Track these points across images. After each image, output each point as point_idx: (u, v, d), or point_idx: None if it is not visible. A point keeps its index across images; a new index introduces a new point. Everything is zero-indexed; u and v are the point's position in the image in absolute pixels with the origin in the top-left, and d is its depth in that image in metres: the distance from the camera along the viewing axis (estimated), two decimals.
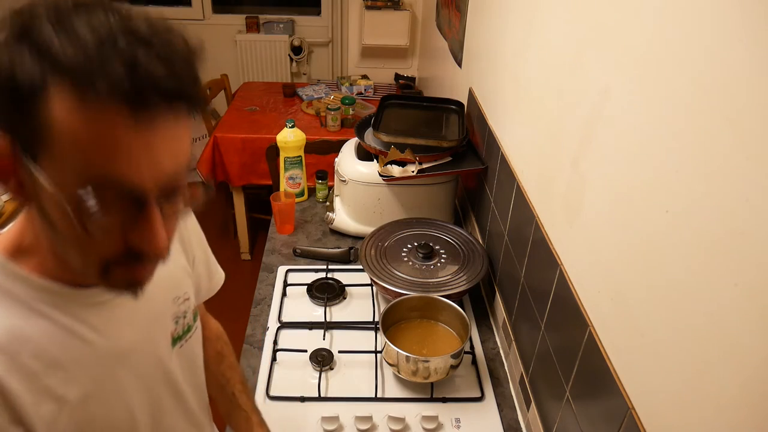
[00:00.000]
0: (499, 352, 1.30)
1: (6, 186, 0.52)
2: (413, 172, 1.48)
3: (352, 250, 1.57)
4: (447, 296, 1.25)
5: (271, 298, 1.42)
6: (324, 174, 1.83)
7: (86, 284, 0.61)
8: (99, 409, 0.64)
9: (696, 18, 0.59)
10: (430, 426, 1.07)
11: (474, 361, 1.24)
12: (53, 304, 0.59)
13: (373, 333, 1.31)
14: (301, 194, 1.85)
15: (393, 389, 1.18)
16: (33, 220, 0.56)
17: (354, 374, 1.21)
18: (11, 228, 0.60)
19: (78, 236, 0.51)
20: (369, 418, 1.07)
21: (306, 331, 1.32)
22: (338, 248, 1.59)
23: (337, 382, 1.19)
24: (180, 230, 0.80)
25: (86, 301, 0.62)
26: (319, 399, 1.14)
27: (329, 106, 2.73)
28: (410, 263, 1.36)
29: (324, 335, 1.29)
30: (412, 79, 3.39)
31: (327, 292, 1.40)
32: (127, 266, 0.55)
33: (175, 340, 0.77)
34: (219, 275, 0.94)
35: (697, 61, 0.59)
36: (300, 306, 1.39)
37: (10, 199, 2.05)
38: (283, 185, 1.81)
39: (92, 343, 0.63)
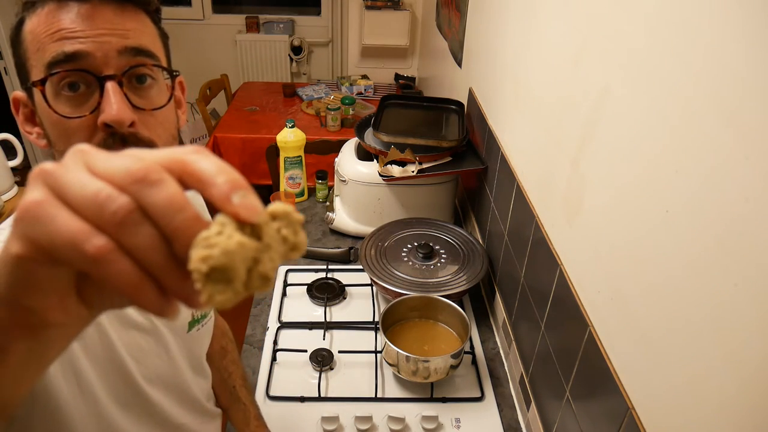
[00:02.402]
0: (499, 352, 1.30)
1: (31, 136, 0.62)
2: (413, 172, 1.48)
3: (352, 250, 1.57)
4: (447, 296, 1.25)
5: (271, 298, 1.42)
6: (324, 174, 1.83)
7: None
8: (115, 368, 0.65)
9: (696, 18, 0.59)
10: (430, 426, 1.07)
11: (474, 361, 1.24)
12: None
13: (373, 333, 1.31)
14: (301, 194, 1.85)
15: (393, 389, 1.18)
16: None
17: (354, 374, 1.21)
18: None
19: (63, 132, 0.59)
20: (369, 418, 1.07)
21: (306, 331, 1.32)
22: (338, 248, 1.59)
23: (337, 382, 1.19)
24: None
25: None
26: (319, 399, 1.14)
27: (329, 106, 2.73)
28: (410, 263, 1.36)
29: (324, 335, 1.30)
30: (412, 79, 3.39)
31: (327, 292, 1.40)
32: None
33: (192, 324, 0.80)
34: None
35: (697, 61, 0.59)
36: (300, 306, 1.39)
37: (11, 199, 2.05)
38: (283, 185, 1.81)
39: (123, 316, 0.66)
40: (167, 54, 0.66)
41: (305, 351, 1.23)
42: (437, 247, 1.40)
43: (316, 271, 1.50)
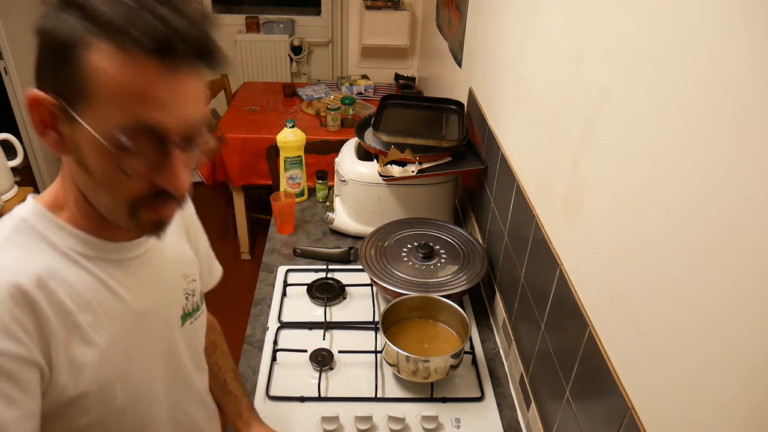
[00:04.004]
0: (499, 352, 1.30)
1: (46, 138, 0.59)
2: (413, 172, 1.48)
3: (352, 250, 1.57)
4: (447, 296, 1.25)
5: (271, 298, 1.42)
6: (324, 174, 1.83)
7: (113, 239, 0.67)
8: (122, 361, 0.68)
9: (696, 18, 0.59)
10: (430, 426, 1.07)
11: (474, 361, 1.24)
12: (85, 255, 0.65)
13: (373, 333, 1.31)
14: (301, 194, 1.85)
15: (393, 389, 1.18)
16: (66, 178, 0.64)
17: (354, 374, 1.21)
18: (47, 190, 0.67)
19: (111, 178, 0.58)
20: (369, 418, 1.07)
21: (306, 331, 1.32)
22: (338, 248, 1.59)
23: (337, 382, 1.19)
24: (186, 222, 0.87)
25: (113, 257, 0.68)
26: (319, 399, 1.14)
27: (329, 106, 2.73)
28: (410, 263, 1.36)
29: (324, 335, 1.29)
30: (412, 79, 3.38)
31: (327, 292, 1.40)
32: (152, 207, 0.61)
33: (185, 316, 0.81)
34: (217, 269, 1.00)
35: (697, 61, 0.59)
36: (300, 306, 1.39)
37: (11, 199, 2.05)
38: (283, 185, 1.81)
39: (119, 296, 0.68)
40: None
41: (305, 351, 1.23)
42: (437, 247, 1.40)
43: (316, 271, 1.50)
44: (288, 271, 1.51)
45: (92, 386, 0.64)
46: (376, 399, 1.15)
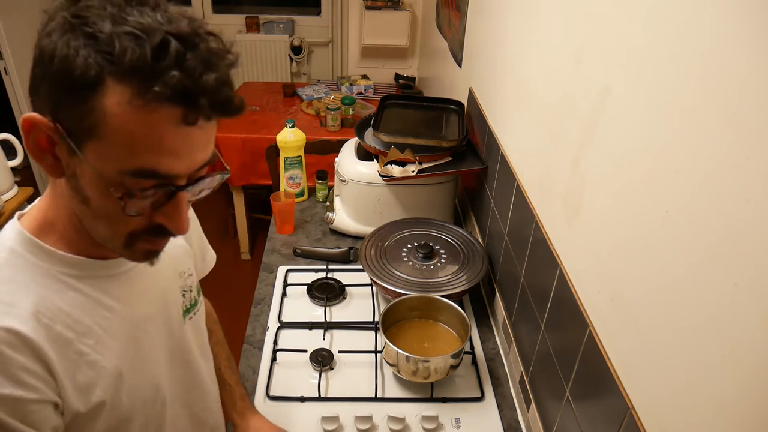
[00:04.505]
0: (499, 352, 1.30)
1: (41, 163, 0.56)
2: (413, 172, 1.48)
3: (352, 250, 1.57)
4: (447, 296, 1.25)
5: (271, 298, 1.42)
6: (324, 174, 1.83)
7: (103, 257, 0.66)
8: (130, 376, 0.68)
9: (696, 18, 0.59)
10: (430, 426, 1.07)
11: (474, 361, 1.24)
12: (77, 276, 0.64)
13: (373, 333, 1.31)
14: (301, 194, 1.85)
15: (393, 389, 1.18)
16: (58, 197, 0.62)
17: (354, 374, 1.21)
18: (34, 206, 0.65)
19: (110, 213, 0.56)
20: (369, 418, 1.07)
21: (306, 331, 1.32)
22: (338, 248, 1.59)
23: (337, 382, 1.19)
24: None
25: (105, 273, 0.67)
26: (319, 399, 1.14)
27: (329, 106, 2.73)
28: (410, 263, 1.36)
29: (324, 335, 1.29)
30: (412, 79, 3.39)
31: (327, 292, 1.40)
32: (149, 240, 0.61)
33: (185, 313, 0.81)
34: (211, 256, 0.99)
35: (697, 61, 0.59)
36: (300, 306, 1.39)
37: (11, 199, 2.05)
38: (283, 185, 1.81)
39: (117, 311, 0.67)
40: None
41: (305, 351, 1.23)
42: (437, 247, 1.40)
43: (316, 271, 1.50)
44: (288, 271, 1.51)
45: (101, 401, 0.64)
46: (376, 399, 1.15)
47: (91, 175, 0.54)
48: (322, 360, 1.20)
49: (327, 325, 1.32)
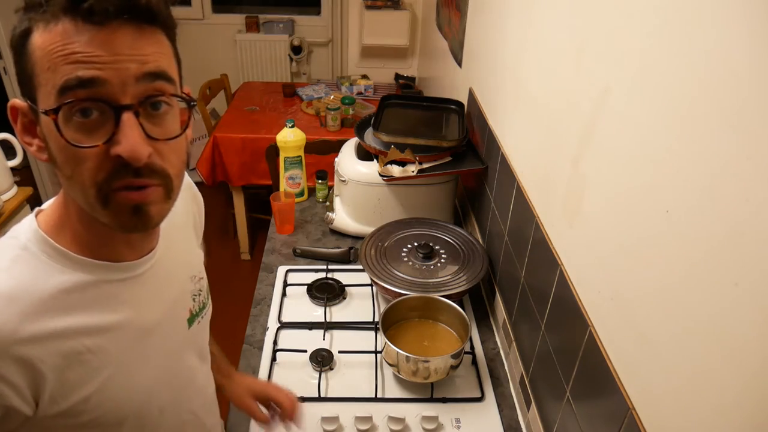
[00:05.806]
0: (499, 352, 1.30)
1: (30, 148, 0.59)
2: (413, 172, 1.48)
3: (352, 250, 1.57)
4: (447, 296, 1.25)
5: (271, 298, 1.42)
6: (324, 174, 1.83)
7: (117, 259, 0.66)
8: (125, 379, 0.68)
9: (696, 18, 0.59)
10: (430, 426, 1.07)
11: (474, 361, 1.24)
12: (88, 280, 0.64)
13: (373, 333, 1.31)
14: (301, 194, 1.85)
15: (393, 389, 1.18)
16: (66, 193, 0.62)
17: (354, 374, 1.21)
18: (50, 203, 0.66)
19: (71, 164, 0.56)
20: (369, 419, 1.07)
21: (306, 331, 1.31)
22: (338, 248, 1.59)
23: (337, 383, 1.19)
24: (194, 216, 0.87)
25: (117, 277, 0.66)
26: (319, 399, 1.14)
27: (329, 106, 2.73)
28: (410, 263, 1.36)
29: (324, 335, 1.29)
30: (412, 79, 3.38)
31: (327, 292, 1.40)
32: (123, 192, 0.58)
33: (192, 318, 0.81)
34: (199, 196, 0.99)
35: (697, 61, 0.59)
36: (300, 306, 1.39)
37: (10, 199, 2.05)
38: (283, 185, 1.81)
39: (125, 316, 0.67)
40: (180, 74, 0.63)
41: (305, 351, 1.23)
42: (437, 247, 1.40)
43: (316, 271, 1.50)
44: (288, 271, 1.51)
45: (86, 397, 0.64)
46: (376, 399, 1.14)
47: (49, 130, 0.55)
48: (322, 360, 1.20)
49: (327, 326, 1.32)
